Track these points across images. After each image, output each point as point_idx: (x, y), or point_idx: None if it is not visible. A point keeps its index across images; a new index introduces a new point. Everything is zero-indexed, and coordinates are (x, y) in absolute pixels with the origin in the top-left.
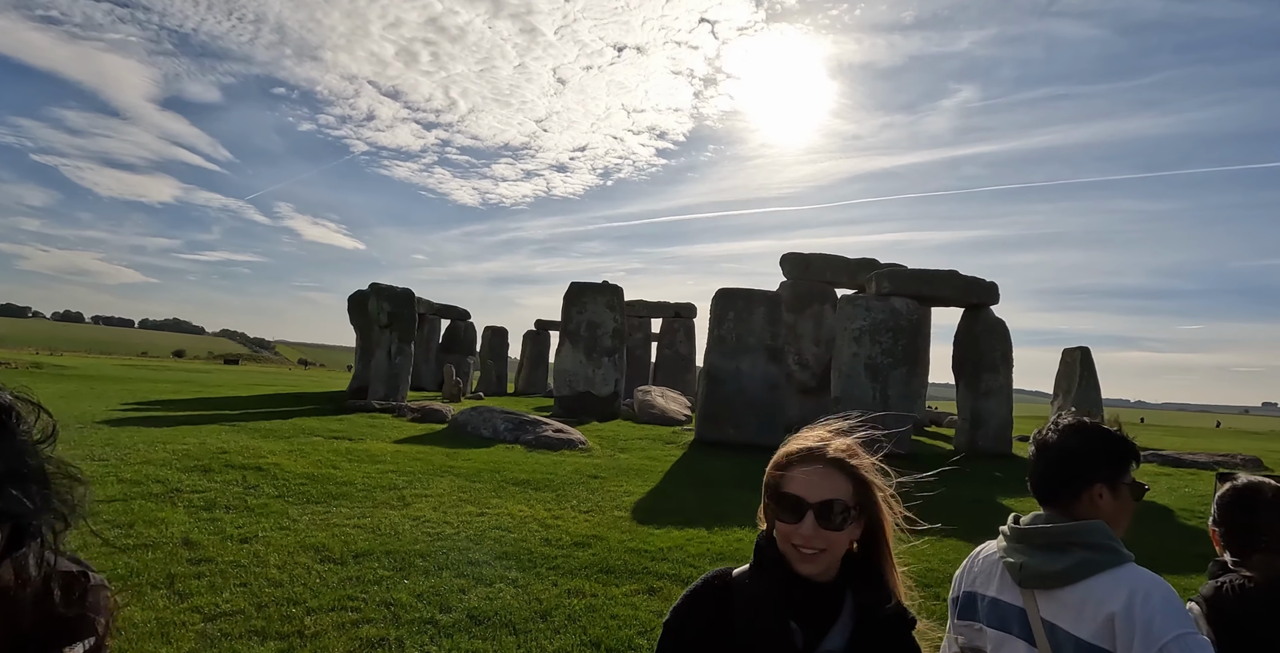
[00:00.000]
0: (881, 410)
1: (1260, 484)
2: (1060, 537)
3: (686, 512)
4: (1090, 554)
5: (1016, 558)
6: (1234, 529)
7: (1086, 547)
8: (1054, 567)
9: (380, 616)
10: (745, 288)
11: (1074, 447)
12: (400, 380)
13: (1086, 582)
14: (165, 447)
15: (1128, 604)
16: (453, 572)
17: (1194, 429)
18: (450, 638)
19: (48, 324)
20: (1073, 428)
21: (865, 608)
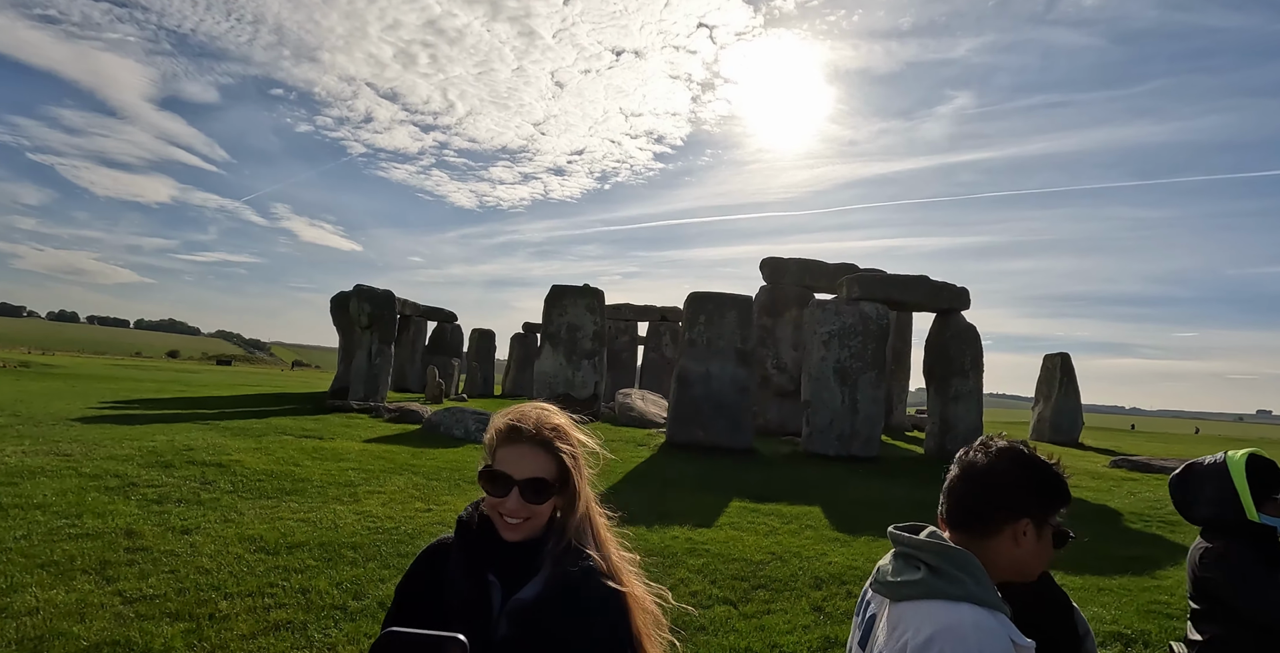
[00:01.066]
0: (851, 414)
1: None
2: (916, 548)
3: (632, 511)
4: (930, 577)
5: (885, 562)
6: None
7: (931, 569)
8: (894, 578)
9: (294, 602)
10: (717, 291)
11: (1006, 474)
12: (380, 381)
13: (911, 604)
14: (132, 443)
15: (922, 644)
16: (379, 563)
17: (1176, 436)
18: (354, 622)
19: (42, 324)
20: (1008, 454)
21: (557, 564)
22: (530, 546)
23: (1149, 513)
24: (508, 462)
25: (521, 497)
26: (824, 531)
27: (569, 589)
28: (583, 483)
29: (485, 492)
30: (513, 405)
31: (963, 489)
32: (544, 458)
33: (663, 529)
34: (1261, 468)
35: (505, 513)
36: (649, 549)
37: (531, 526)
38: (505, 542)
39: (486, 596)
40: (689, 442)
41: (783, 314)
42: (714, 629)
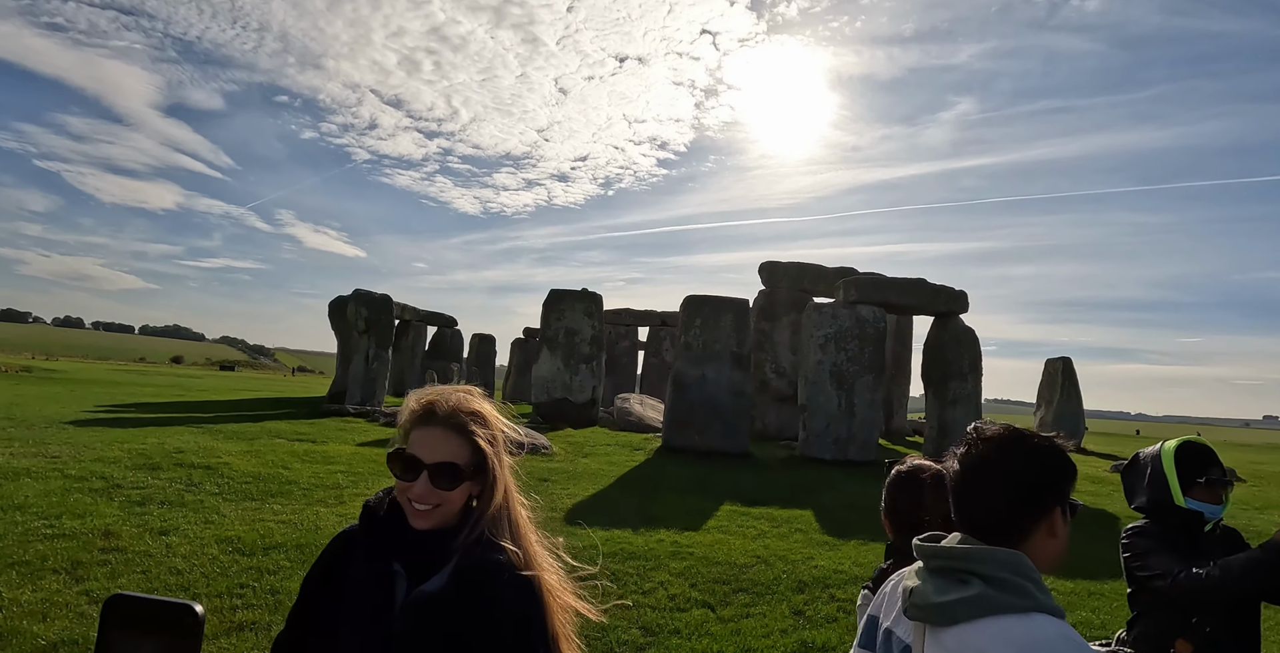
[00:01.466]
0: (848, 418)
1: (921, 467)
2: (961, 559)
3: (621, 514)
4: (990, 591)
5: (912, 581)
6: (899, 513)
7: (989, 580)
8: (941, 599)
9: (263, 602)
10: (713, 295)
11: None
12: (377, 385)
13: (974, 624)
14: (122, 446)
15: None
16: None
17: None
18: None
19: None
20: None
21: (467, 555)
22: (441, 535)
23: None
24: (419, 444)
25: (430, 482)
26: (813, 534)
27: (476, 583)
28: (502, 471)
29: (393, 475)
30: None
31: (981, 493)
32: (458, 442)
33: (649, 533)
34: (1190, 455)
35: (413, 499)
36: (633, 553)
37: (442, 513)
38: (414, 530)
39: (388, 586)
40: (685, 446)
41: (781, 318)
42: (688, 633)
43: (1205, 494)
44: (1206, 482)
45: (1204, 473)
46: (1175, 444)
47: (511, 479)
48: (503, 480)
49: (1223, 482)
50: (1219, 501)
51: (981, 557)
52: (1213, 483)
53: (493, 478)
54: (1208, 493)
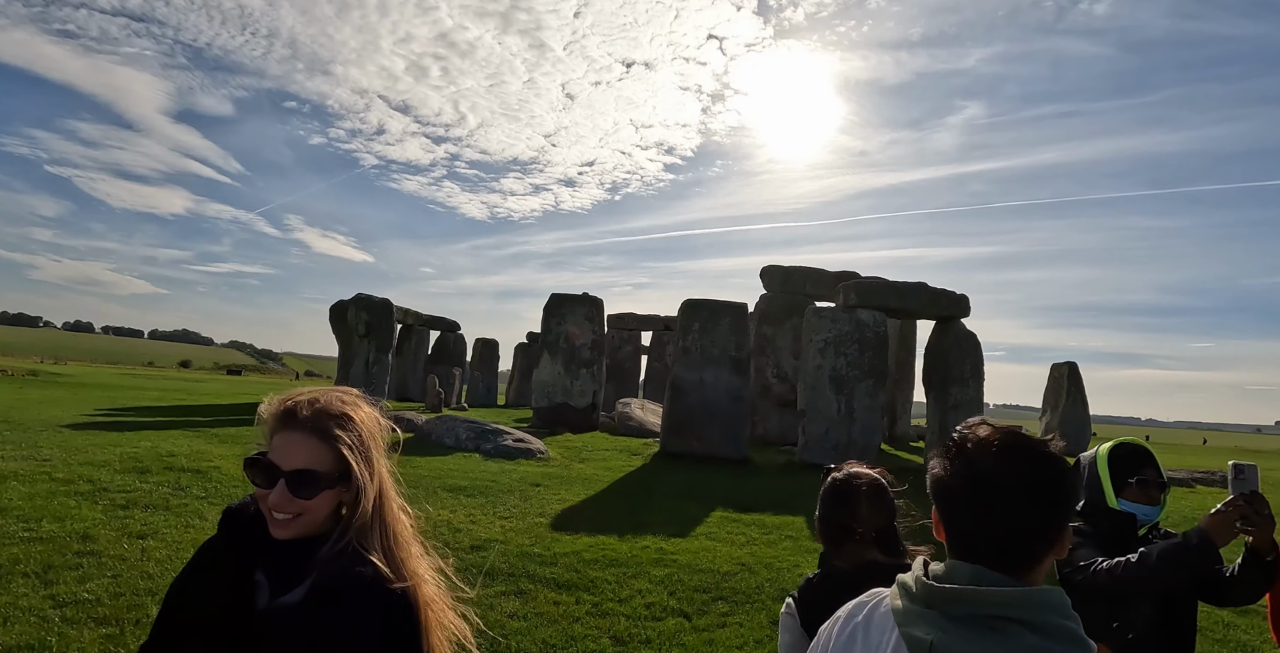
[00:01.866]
0: (847, 423)
1: (857, 475)
2: (997, 607)
3: (608, 520)
4: (1039, 641)
5: (923, 631)
6: (829, 523)
7: (1033, 627)
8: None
9: None
10: (711, 299)
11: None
12: (377, 390)
13: None
14: (114, 449)
15: None
16: None
17: (1189, 447)
18: None
19: (57, 334)
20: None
21: (328, 567)
22: (307, 544)
23: None
24: (278, 450)
25: (288, 490)
26: (803, 541)
27: (334, 597)
28: (373, 480)
29: (250, 482)
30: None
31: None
32: (320, 448)
33: (634, 539)
34: (1124, 456)
35: (271, 507)
36: (615, 560)
37: (304, 523)
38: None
39: (245, 597)
40: (683, 451)
41: (783, 323)
42: (660, 643)
43: (1138, 495)
44: (1138, 483)
45: (1136, 474)
46: (1110, 446)
47: (391, 488)
48: (374, 489)
49: (1156, 483)
50: (1153, 502)
51: (1022, 600)
52: (1144, 484)
53: (360, 486)
54: (1140, 494)
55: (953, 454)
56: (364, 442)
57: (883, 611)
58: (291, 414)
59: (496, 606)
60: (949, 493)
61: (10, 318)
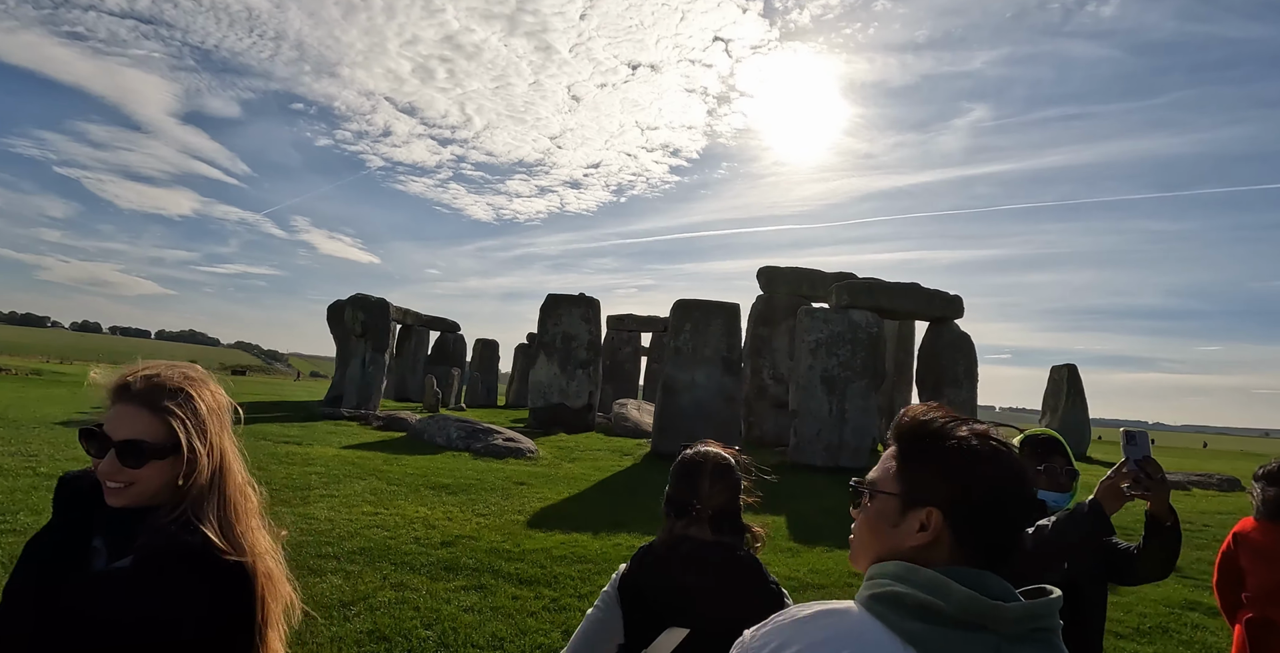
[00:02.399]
0: (839, 424)
1: (706, 454)
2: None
3: (585, 518)
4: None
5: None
6: (672, 496)
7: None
8: None
9: None
10: (703, 299)
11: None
12: (373, 389)
13: None
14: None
15: None
16: (293, 564)
17: (1194, 450)
18: None
19: (65, 334)
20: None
21: (155, 535)
22: (142, 513)
23: (1135, 528)
24: (110, 421)
25: (118, 459)
26: (779, 541)
27: (160, 563)
28: (210, 452)
29: (85, 452)
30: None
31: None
32: (150, 420)
33: (608, 537)
34: (1034, 446)
35: (101, 476)
36: (584, 557)
37: (136, 492)
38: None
39: (72, 560)
40: (673, 452)
41: (779, 324)
42: None
43: (1047, 483)
44: (1045, 470)
45: (1044, 463)
46: (1022, 437)
47: (235, 463)
48: (211, 462)
49: (1064, 471)
50: (1062, 489)
51: (1056, 606)
52: (1051, 471)
53: (193, 458)
54: (1049, 482)
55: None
56: (199, 416)
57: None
58: (126, 388)
59: (454, 600)
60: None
61: (18, 318)
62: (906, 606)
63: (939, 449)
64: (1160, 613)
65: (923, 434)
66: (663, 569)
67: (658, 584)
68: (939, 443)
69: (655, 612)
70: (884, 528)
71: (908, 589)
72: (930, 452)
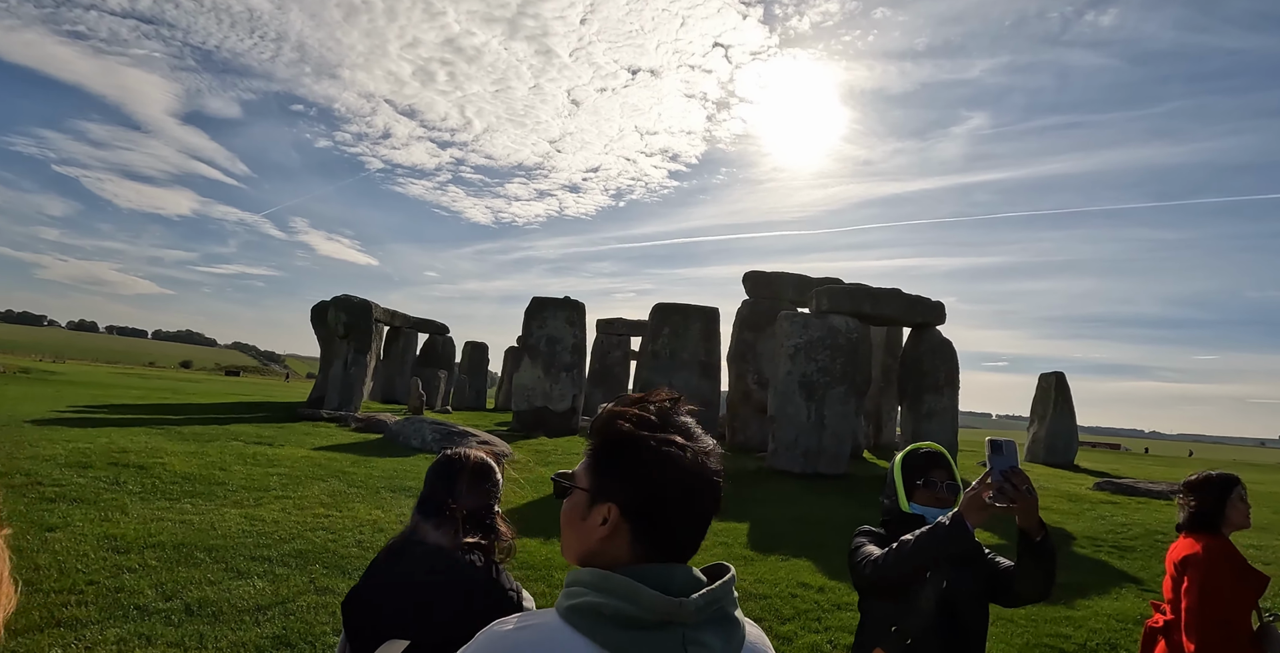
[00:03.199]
0: (817, 430)
1: (466, 455)
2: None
3: (539, 522)
4: (740, 616)
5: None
6: (426, 497)
7: (735, 605)
8: None
9: (100, 601)
10: (682, 303)
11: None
12: (354, 391)
13: None
14: (67, 444)
15: None
16: (223, 566)
17: (1171, 458)
18: (140, 623)
19: (61, 333)
20: None
21: None
22: None
23: (1105, 537)
24: None
25: None
26: (736, 548)
27: None
28: None
29: None
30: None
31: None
32: None
33: (556, 542)
34: (916, 460)
35: None
36: (526, 562)
37: None
38: None
39: None
40: None
41: (765, 329)
42: None
43: (927, 498)
44: (924, 484)
45: (925, 477)
46: (905, 452)
47: None
48: None
49: (945, 485)
50: (943, 504)
51: (729, 586)
52: (931, 485)
53: None
54: (929, 497)
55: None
56: None
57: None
58: None
59: None
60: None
61: (15, 317)
62: (604, 615)
63: (621, 446)
64: (1111, 628)
65: (609, 430)
66: (385, 576)
67: (380, 593)
68: (623, 439)
69: (377, 623)
70: (576, 521)
71: (603, 599)
72: (614, 448)
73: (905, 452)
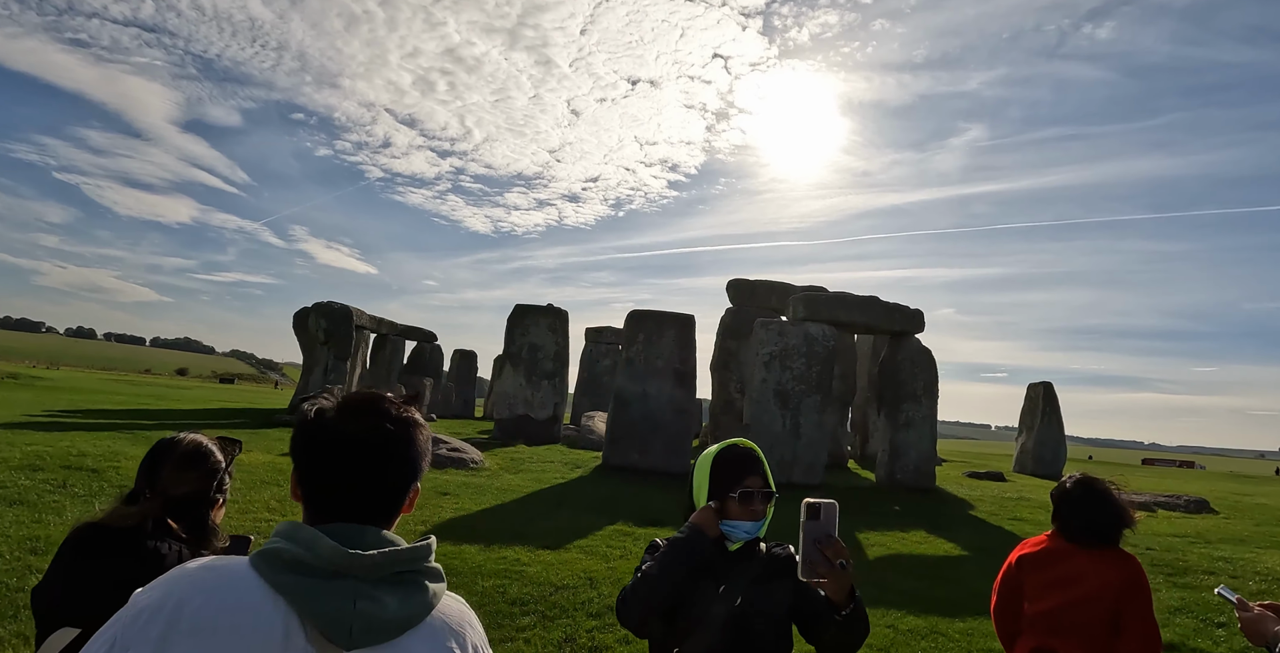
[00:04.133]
0: (792, 439)
1: (181, 438)
2: (409, 562)
3: (490, 530)
4: (435, 584)
5: (337, 604)
6: (136, 481)
7: (427, 574)
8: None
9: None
10: (656, 310)
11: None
12: None
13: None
14: (24, 447)
15: None
16: None
17: (1177, 472)
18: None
19: (59, 339)
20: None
21: None
22: None
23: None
24: None
25: None
26: None
27: None
28: None
29: None
30: None
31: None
32: None
33: (500, 549)
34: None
35: None
36: (455, 569)
37: None
38: None
39: None
40: (624, 464)
41: (747, 337)
42: None
43: (742, 512)
44: (740, 497)
45: (740, 485)
46: (716, 450)
47: None
48: None
49: (760, 494)
50: (756, 517)
51: (425, 552)
52: (747, 499)
53: None
54: (744, 511)
55: (312, 419)
56: None
57: (242, 597)
58: None
59: None
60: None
61: (13, 323)
62: (283, 560)
63: (298, 422)
64: None
65: (295, 411)
66: (65, 564)
67: (58, 581)
68: (299, 416)
69: (55, 610)
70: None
71: (286, 545)
72: (296, 425)
73: (717, 451)
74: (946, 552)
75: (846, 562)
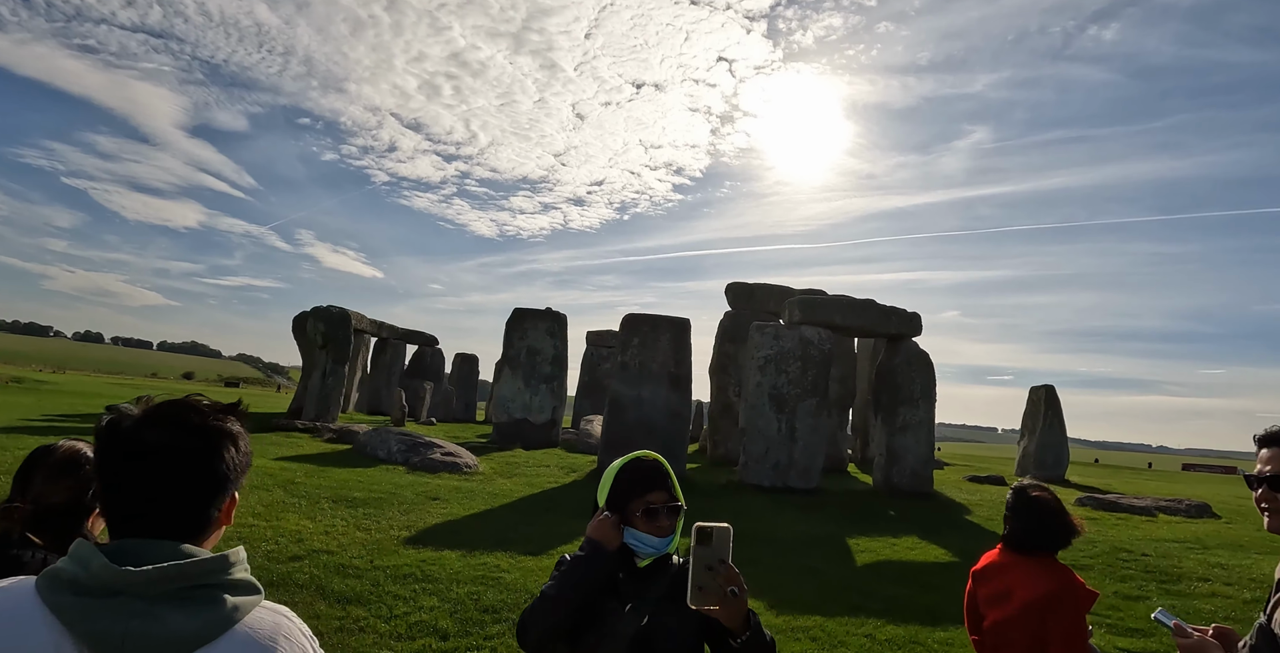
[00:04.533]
0: (788, 443)
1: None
2: (200, 576)
3: (474, 535)
4: (238, 598)
5: (108, 623)
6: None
7: (229, 588)
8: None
9: None
10: (651, 314)
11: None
12: (331, 401)
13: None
14: (17, 451)
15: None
16: None
17: (1164, 473)
18: None
19: (67, 344)
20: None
21: None
22: None
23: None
24: None
25: None
26: None
27: None
28: None
29: None
30: None
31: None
32: None
33: (480, 555)
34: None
35: None
36: (432, 576)
37: None
38: None
39: None
40: None
41: (745, 340)
42: None
43: (648, 527)
44: (645, 513)
45: (645, 500)
46: (621, 462)
47: None
48: None
49: (667, 508)
50: (663, 533)
51: (223, 564)
52: (651, 515)
53: None
54: (650, 526)
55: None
56: None
57: (18, 618)
58: None
59: None
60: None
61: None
62: (62, 579)
63: (95, 431)
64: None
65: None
66: None
67: None
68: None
69: None
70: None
71: (66, 564)
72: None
73: (620, 465)
74: (937, 558)
75: (739, 588)
